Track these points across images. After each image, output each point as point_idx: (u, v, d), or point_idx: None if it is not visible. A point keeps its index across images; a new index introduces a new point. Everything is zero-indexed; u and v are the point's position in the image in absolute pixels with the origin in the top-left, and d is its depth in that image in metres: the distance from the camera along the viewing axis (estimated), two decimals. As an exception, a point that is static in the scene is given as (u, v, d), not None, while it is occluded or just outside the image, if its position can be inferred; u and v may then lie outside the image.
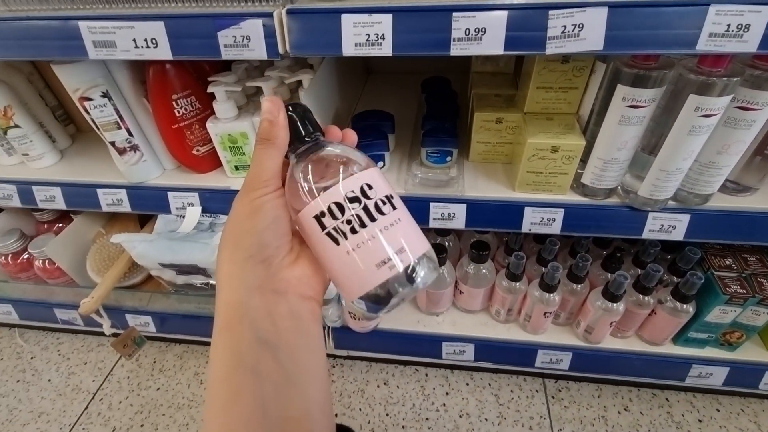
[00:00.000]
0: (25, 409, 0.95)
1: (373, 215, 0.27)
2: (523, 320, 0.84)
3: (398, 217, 0.28)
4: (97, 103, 0.64)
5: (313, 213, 0.27)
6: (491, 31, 0.46)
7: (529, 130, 0.60)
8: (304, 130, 0.29)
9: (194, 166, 0.74)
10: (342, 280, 0.28)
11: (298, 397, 0.26)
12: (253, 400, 0.25)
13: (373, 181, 0.28)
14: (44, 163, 0.81)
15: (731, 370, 0.78)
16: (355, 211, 0.27)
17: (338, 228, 0.27)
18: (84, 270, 0.87)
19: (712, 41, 0.43)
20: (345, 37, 0.48)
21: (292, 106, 0.29)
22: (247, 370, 0.25)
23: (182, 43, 0.51)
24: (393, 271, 0.27)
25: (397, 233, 0.27)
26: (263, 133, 0.28)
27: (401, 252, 0.27)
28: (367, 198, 0.27)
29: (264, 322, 0.26)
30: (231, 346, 0.26)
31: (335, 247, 0.27)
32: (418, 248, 0.28)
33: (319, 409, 0.27)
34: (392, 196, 0.29)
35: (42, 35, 0.53)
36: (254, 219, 0.27)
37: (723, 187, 0.61)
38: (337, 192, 0.27)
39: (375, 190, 0.28)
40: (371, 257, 0.27)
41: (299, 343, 0.27)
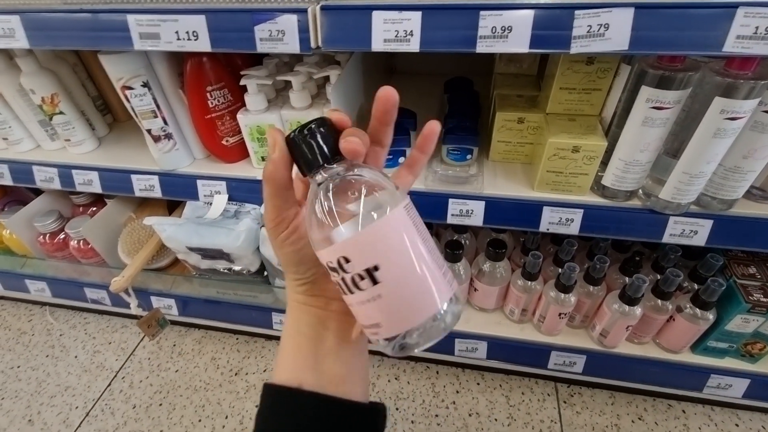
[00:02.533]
0: (52, 383, 0.99)
1: (350, 288, 0.25)
2: (538, 321, 0.84)
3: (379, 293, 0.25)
4: (137, 92, 0.68)
5: (322, 259, 0.26)
6: (517, 29, 0.47)
7: (551, 130, 0.61)
8: (313, 160, 0.25)
9: (223, 155, 0.77)
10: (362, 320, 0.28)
11: (341, 363, 0.32)
12: (309, 354, 0.32)
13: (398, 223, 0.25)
14: (84, 149, 0.86)
15: (752, 383, 0.76)
16: (338, 277, 0.25)
17: (337, 282, 0.26)
18: (115, 251, 0.92)
19: (739, 43, 0.43)
20: (375, 32, 0.50)
21: (298, 132, 0.25)
22: (305, 336, 0.32)
23: (221, 36, 0.54)
24: (374, 337, 0.27)
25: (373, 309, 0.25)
26: (264, 171, 0.27)
27: (377, 326, 0.26)
28: (344, 272, 0.25)
29: (318, 312, 0.32)
30: (295, 321, 0.33)
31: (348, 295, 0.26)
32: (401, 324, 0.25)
33: (358, 376, 0.33)
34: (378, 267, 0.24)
35: (93, 26, 0.57)
36: (284, 257, 0.30)
37: (748, 194, 0.60)
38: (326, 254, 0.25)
39: (353, 264, 0.24)
40: (361, 318, 0.27)
41: (344, 330, 0.33)
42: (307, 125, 0.26)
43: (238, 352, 1.04)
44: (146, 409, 0.93)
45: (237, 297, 0.92)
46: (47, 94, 0.78)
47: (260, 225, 0.77)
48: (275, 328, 0.97)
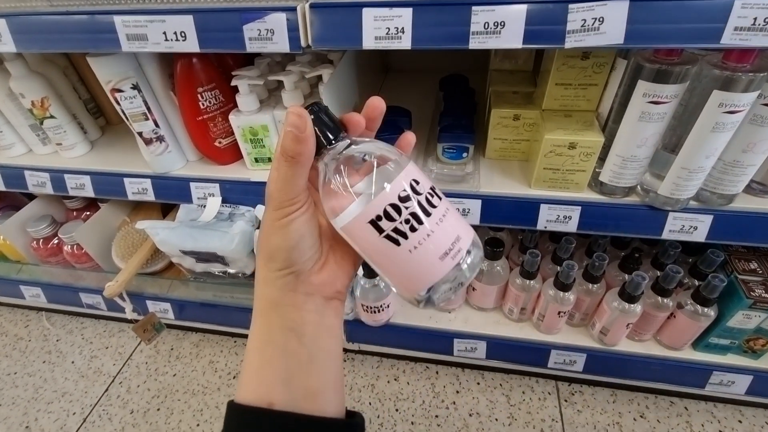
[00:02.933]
0: (49, 389, 0.99)
1: (428, 210, 0.27)
2: (537, 319, 0.83)
3: (446, 206, 0.28)
4: (127, 94, 0.67)
5: (367, 219, 0.26)
6: (510, 24, 0.46)
7: (547, 126, 0.60)
8: (328, 135, 0.27)
9: (216, 157, 0.76)
10: (403, 278, 0.28)
11: (317, 374, 0.30)
12: (280, 368, 0.29)
13: (417, 175, 0.28)
14: (76, 153, 0.85)
15: (755, 379, 0.75)
16: (410, 209, 0.26)
17: (397, 229, 0.26)
18: (109, 256, 0.91)
19: (737, 35, 0.42)
20: (365, 30, 0.49)
21: (311, 110, 0.27)
22: (276, 347, 0.29)
23: (209, 37, 0.54)
24: (455, 259, 0.27)
25: (451, 222, 0.27)
26: (288, 149, 0.26)
27: (459, 240, 0.27)
28: (417, 194, 0.27)
29: (293, 314, 0.29)
30: (265, 329, 0.30)
31: (395, 248, 0.26)
32: (469, 232, 0.29)
33: (333, 386, 0.31)
34: (435, 187, 0.28)
35: (80, 29, 0.56)
36: (283, 237, 0.28)
37: (748, 188, 0.59)
38: (391, 193, 0.26)
39: (422, 185, 0.27)
40: (434, 251, 0.27)
41: (321, 332, 0.30)
42: (312, 107, 0.27)
43: (237, 355, 1.03)
44: (144, 414, 0.93)
45: (234, 300, 0.92)
46: (37, 98, 0.77)
47: (255, 227, 0.76)
48: (273, 331, 0.96)
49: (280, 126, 0.70)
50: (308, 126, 0.26)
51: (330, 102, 0.66)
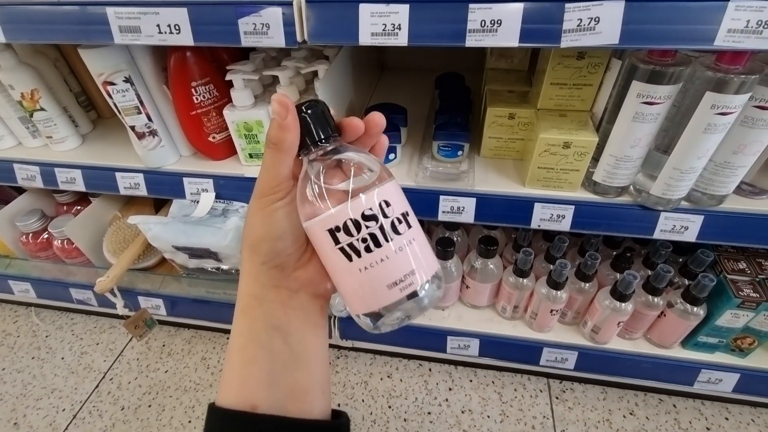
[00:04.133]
0: (38, 385, 0.98)
1: (389, 235, 0.26)
2: (529, 318, 0.83)
3: (413, 236, 0.27)
4: (119, 87, 0.66)
5: (326, 226, 0.26)
6: (507, 22, 0.46)
7: (542, 126, 0.60)
8: (317, 134, 0.27)
9: (210, 152, 0.76)
10: (350, 295, 0.28)
11: (303, 374, 0.29)
12: (263, 368, 0.28)
13: (391, 196, 0.27)
14: (66, 147, 0.83)
15: (742, 377, 0.77)
16: (371, 229, 0.25)
17: (352, 245, 0.26)
18: (100, 251, 0.90)
19: (731, 37, 0.43)
20: (362, 26, 0.49)
21: (307, 105, 0.27)
22: (260, 345, 0.28)
23: (204, 30, 0.53)
24: (403, 292, 0.26)
25: (410, 254, 0.27)
26: (271, 136, 0.26)
27: (413, 274, 0.26)
28: (384, 216, 0.26)
29: (277, 312, 0.29)
30: (248, 327, 0.29)
31: (347, 263, 0.26)
32: (429, 268, 0.28)
33: (319, 387, 0.30)
34: (408, 213, 0.28)
35: (71, 19, 0.55)
36: (267, 227, 0.27)
37: (738, 189, 0.60)
38: (353, 208, 0.26)
39: (393, 208, 0.26)
40: (384, 277, 0.26)
41: (306, 331, 0.30)
42: (310, 102, 0.27)
43: (229, 352, 1.02)
44: (135, 410, 0.92)
45: (227, 296, 0.91)
46: (27, 89, 0.76)
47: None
48: (266, 328, 0.95)
49: (275, 122, 0.69)
50: (290, 114, 0.26)
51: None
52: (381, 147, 0.31)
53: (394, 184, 0.28)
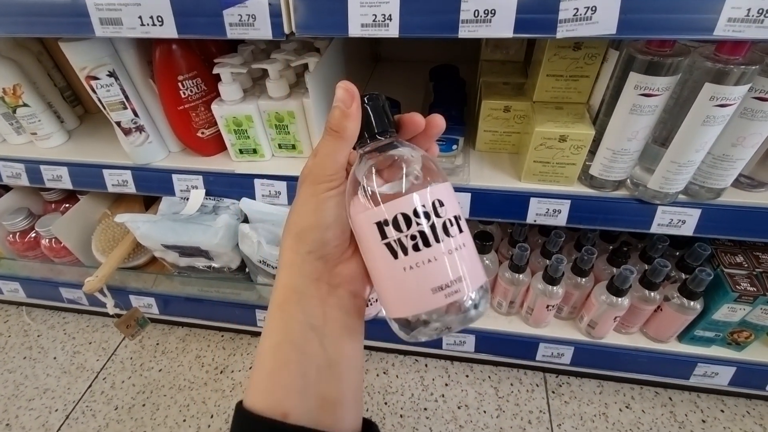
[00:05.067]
0: (30, 385, 0.97)
1: (440, 236, 0.25)
2: (525, 313, 0.83)
3: (464, 241, 0.26)
4: (103, 82, 0.64)
5: (375, 219, 0.25)
6: (501, 12, 0.44)
7: (538, 119, 0.59)
8: (376, 126, 0.27)
9: (199, 148, 0.74)
10: (388, 295, 0.26)
11: (336, 382, 0.27)
12: (297, 372, 0.26)
13: (446, 197, 0.26)
14: (52, 143, 0.82)
15: (738, 371, 0.77)
16: (421, 227, 0.24)
17: (400, 241, 0.25)
18: (89, 250, 0.88)
19: (731, 26, 0.41)
20: (351, 17, 0.47)
21: (368, 97, 0.27)
22: (294, 347, 0.27)
23: (188, 21, 0.51)
24: (449, 299, 0.25)
25: (461, 259, 0.25)
26: (333, 123, 0.26)
27: (461, 280, 0.25)
28: (437, 216, 0.25)
29: (315, 310, 0.27)
30: (283, 324, 0.27)
31: (391, 260, 0.25)
32: (478, 278, 0.26)
33: (352, 395, 0.28)
34: (460, 217, 0.27)
35: (50, 12, 0.53)
36: (318, 215, 0.27)
37: (736, 182, 0.59)
38: (407, 203, 0.25)
39: (446, 208, 0.25)
40: (429, 280, 0.25)
41: (343, 335, 0.28)
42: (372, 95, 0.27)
43: (224, 350, 1.02)
44: (129, 410, 0.91)
45: (220, 295, 0.90)
46: (9, 85, 0.74)
47: (239, 220, 0.74)
48: (259, 325, 0.95)
49: (265, 116, 0.67)
50: (355, 103, 0.26)
51: (317, 92, 0.64)
52: (433, 152, 0.31)
53: (449, 186, 0.27)
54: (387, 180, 0.26)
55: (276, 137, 0.70)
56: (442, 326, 0.26)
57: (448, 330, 0.26)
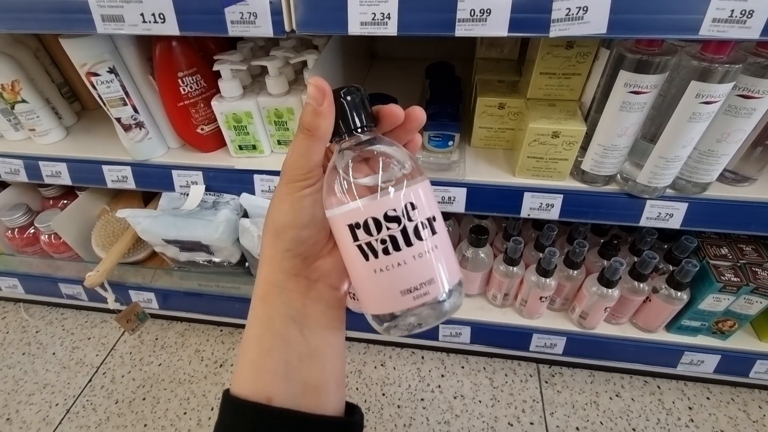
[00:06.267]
0: (30, 381, 0.97)
1: (411, 239, 0.25)
2: (519, 305, 0.85)
3: (435, 243, 0.26)
4: (103, 78, 0.64)
5: (346, 221, 0.25)
6: (496, 12, 0.46)
7: (531, 116, 0.61)
8: (353, 121, 0.26)
9: (199, 144, 0.75)
10: (363, 294, 0.27)
11: (318, 368, 0.28)
12: (280, 360, 0.27)
13: (419, 199, 0.25)
14: (50, 139, 0.82)
15: (722, 359, 0.79)
16: (392, 231, 0.24)
17: (371, 244, 0.25)
18: (89, 245, 0.89)
19: (715, 26, 0.43)
20: (351, 15, 0.48)
21: (345, 91, 0.26)
22: (277, 336, 0.28)
23: (189, 19, 0.52)
24: (417, 301, 0.25)
25: (431, 262, 0.25)
26: (306, 121, 0.25)
27: (431, 283, 0.25)
28: (408, 219, 0.25)
29: (296, 302, 0.28)
30: (266, 316, 0.28)
31: (363, 261, 0.25)
32: (450, 279, 0.26)
33: (335, 382, 0.29)
34: (434, 218, 0.26)
35: (51, 8, 0.54)
36: (293, 214, 0.27)
37: (721, 177, 0.62)
38: (376, 206, 0.24)
39: (418, 211, 0.25)
40: (399, 282, 0.25)
41: (324, 324, 0.29)
42: (348, 88, 0.26)
43: (223, 344, 1.03)
44: (129, 403, 0.92)
45: (219, 289, 0.91)
46: (7, 81, 0.74)
47: (239, 215, 0.75)
48: (259, 319, 0.96)
49: (265, 113, 0.68)
50: (326, 100, 0.25)
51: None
52: (415, 145, 0.30)
53: (425, 185, 0.27)
54: (361, 180, 0.26)
55: (275, 133, 0.71)
56: (415, 322, 0.26)
57: (421, 326, 0.27)
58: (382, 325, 0.27)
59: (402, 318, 0.26)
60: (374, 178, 0.25)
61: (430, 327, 0.27)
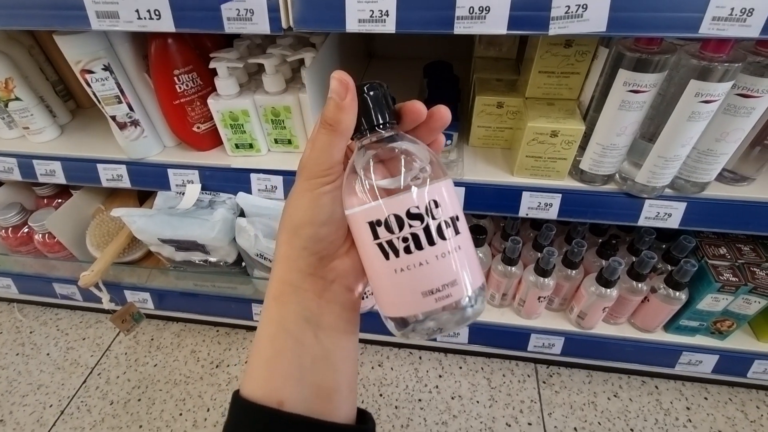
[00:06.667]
0: (24, 381, 0.96)
1: (433, 238, 0.24)
2: (518, 305, 0.85)
3: (459, 244, 0.25)
4: (98, 76, 0.64)
5: (367, 218, 0.24)
6: (495, 9, 0.45)
7: (530, 114, 0.60)
8: (375, 118, 0.25)
9: (195, 143, 0.74)
10: (381, 294, 0.26)
11: (331, 372, 0.28)
12: (293, 361, 0.27)
13: (442, 197, 0.25)
14: (45, 138, 0.81)
15: (720, 359, 0.79)
16: (414, 229, 0.24)
17: (392, 242, 0.24)
18: (83, 245, 0.88)
19: (715, 25, 0.43)
20: (349, 12, 0.48)
21: (369, 87, 0.25)
22: (291, 337, 0.27)
23: (185, 15, 0.51)
24: (439, 303, 0.24)
25: (454, 263, 0.25)
26: (328, 116, 0.25)
27: (453, 285, 0.24)
28: (431, 217, 0.24)
29: (311, 303, 0.27)
30: (279, 316, 0.28)
31: (383, 260, 0.24)
32: (472, 281, 0.25)
33: (347, 385, 0.29)
34: (458, 218, 0.25)
35: (45, 4, 0.53)
36: (312, 211, 0.26)
37: (720, 177, 0.61)
38: (399, 203, 0.24)
39: (441, 209, 0.24)
40: (420, 283, 0.24)
41: (338, 327, 0.28)
42: (371, 84, 0.26)
43: (219, 344, 1.02)
44: (124, 404, 0.91)
45: (215, 289, 0.90)
46: (0, 78, 0.73)
47: (236, 215, 0.75)
48: (255, 319, 0.95)
49: (261, 111, 0.68)
50: (349, 94, 0.24)
51: (313, 87, 0.64)
52: (439, 145, 0.29)
53: (449, 184, 0.26)
54: (382, 177, 0.25)
55: (272, 132, 0.70)
56: (435, 327, 0.26)
57: (441, 331, 0.26)
58: (403, 330, 0.26)
59: (421, 323, 0.25)
60: (397, 176, 0.25)
61: (449, 332, 0.27)
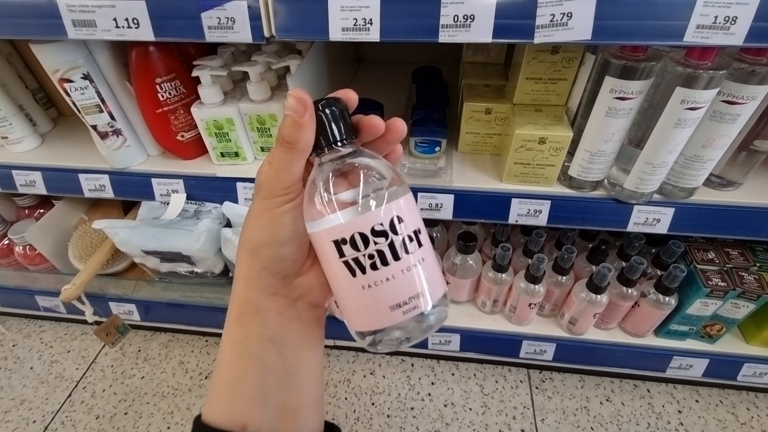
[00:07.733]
0: (6, 397, 0.93)
1: (398, 253, 0.24)
2: (509, 311, 0.84)
3: (422, 256, 0.26)
4: (77, 85, 0.62)
5: (332, 237, 0.24)
6: (480, 18, 0.45)
7: (518, 121, 0.60)
8: (333, 134, 0.25)
9: (179, 152, 0.73)
10: (349, 310, 0.26)
11: (296, 390, 0.27)
12: (256, 383, 0.26)
13: (404, 212, 0.25)
14: (24, 147, 0.79)
15: (711, 362, 0.80)
16: (379, 246, 0.24)
17: (358, 260, 0.24)
18: (66, 256, 0.86)
19: (699, 33, 0.43)
20: (332, 21, 0.47)
21: (324, 103, 0.25)
22: (253, 358, 0.26)
23: (165, 24, 0.50)
24: (407, 315, 0.25)
25: (418, 275, 0.25)
26: (286, 134, 0.24)
27: (419, 297, 0.25)
28: (395, 233, 0.24)
29: (273, 322, 0.27)
30: (241, 338, 0.27)
31: (350, 278, 0.25)
32: (436, 291, 0.26)
33: (313, 402, 0.28)
34: (420, 231, 0.26)
35: (20, 13, 0.51)
36: (272, 231, 0.25)
37: (708, 182, 0.62)
38: (363, 221, 0.24)
39: (404, 224, 0.25)
40: (387, 297, 0.25)
41: (303, 344, 0.28)
42: (328, 100, 0.26)
43: (208, 355, 1.00)
44: (110, 419, 0.89)
45: (203, 299, 0.89)
46: (-24, 87, 0.71)
47: (222, 225, 0.73)
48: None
49: (247, 119, 0.67)
50: (308, 112, 0.24)
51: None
52: (396, 156, 0.29)
53: (409, 197, 0.26)
54: (345, 194, 0.25)
55: (258, 140, 0.69)
56: (402, 336, 0.26)
57: (408, 341, 0.26)
58: (365, 340, 0.27)
59: (387, 333, 0.26)
60: (358, 192, 0.25)
61: (417, 341, 0.27)
